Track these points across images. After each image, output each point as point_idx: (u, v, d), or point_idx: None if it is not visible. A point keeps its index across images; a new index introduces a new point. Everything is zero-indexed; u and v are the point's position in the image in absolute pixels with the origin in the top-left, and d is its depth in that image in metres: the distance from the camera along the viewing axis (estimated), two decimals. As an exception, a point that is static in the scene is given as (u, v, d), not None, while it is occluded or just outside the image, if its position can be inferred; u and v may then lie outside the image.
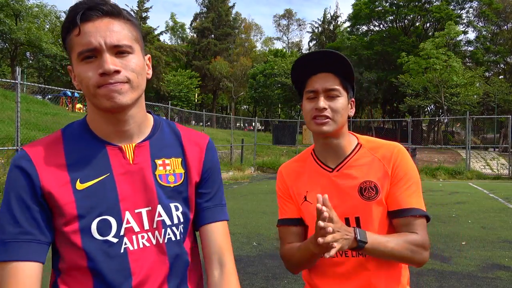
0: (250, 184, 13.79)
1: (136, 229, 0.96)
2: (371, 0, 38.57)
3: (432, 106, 34.36)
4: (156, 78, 38.33)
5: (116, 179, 0.96)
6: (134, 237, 0.95)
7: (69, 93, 22.77)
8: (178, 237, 1.02)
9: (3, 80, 9.94)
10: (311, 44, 57.32)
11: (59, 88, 11.40)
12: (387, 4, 38.85)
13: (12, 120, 10.25)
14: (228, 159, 18.18)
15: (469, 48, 37.54)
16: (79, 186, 0.93)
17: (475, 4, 37.32)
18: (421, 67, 27.69)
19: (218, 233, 1.08)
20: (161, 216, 0.99)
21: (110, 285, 0.93)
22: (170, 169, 1.02)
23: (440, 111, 33.00)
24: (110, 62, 0.89)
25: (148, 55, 1.04)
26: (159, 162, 1.01)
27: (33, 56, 31.92)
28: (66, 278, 0.95)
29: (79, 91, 15.56)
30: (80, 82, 0.93)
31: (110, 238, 0.93)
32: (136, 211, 0.96)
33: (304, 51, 59.78)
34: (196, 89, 41.19)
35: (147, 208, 0.98)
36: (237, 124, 36.05)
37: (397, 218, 1.28)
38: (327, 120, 1.25)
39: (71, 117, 15.04)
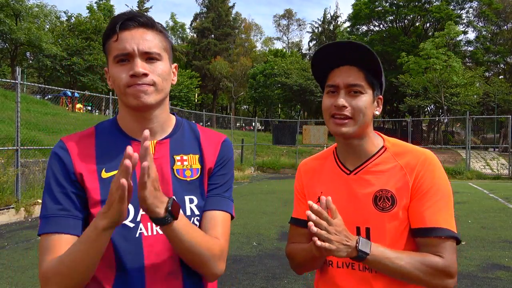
0: (250, 184, 13.79)
1: None
2: (371, 0, 38.58)
3: (432, 106, 34.34)
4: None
5: (137, 171, 1.01)
6: (149, 224, 1.04)
7: (69, 93, 22.76)
8: None
9: (3, 80, 9.95)
10: (311, 44, 57.36)
11: (59, 88, 11.41)
12: (387, 4, 38.85)
13: (12, 120, 10.24)
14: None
15: (469, 48, 37.58)
16: (104, 174, 1.05)
17: (475, 4, 37.36)
18: (421, 67, 27.71)
19: (216, 220, 1.10)
20: None
21: (125, 267, 1.03)
22: (187, 164, 1.12)
23: (440, 111, 32.99)
24: (140, 65, 1.02)
25: (175, 64, 1.17)
26: (177, 158, 1.12)
27: (33, 56, 31.87)
28: None
29: (79, 92, 15.55)
30: (113, 81, 1.06)
31: (127, 223, 1.03)
32: None
33: (304, 51, 59.78)
34: (196, 89, 41.18)
35: None
36: (237, 124, 36.04)
37: (420, 238, 1.13)
38: (346, 120, 1.14)
39: (71, 117, 15.03)
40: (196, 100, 43.24)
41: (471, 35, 70.03)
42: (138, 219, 1.04)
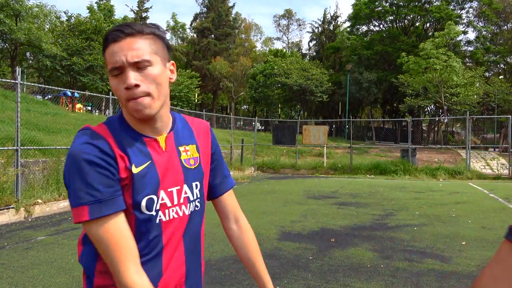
0: (250, 184, 13.78)
1: (168, 204, 1.17)
2: (371, 0, 38.58)
3: (432, 106, 34.37)
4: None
5: (156, 165, 1.15)
6: (166, 210, 1.17)
7: (69, 93, 22.75)
8: (198, 209, 1.27)
9: (3, 80, 9.96)
10: (311, 44, 57.31)
11: (59, 88, 11.39)
12: (387, 4, 38.85)
13: (12, 120, 10.24)
14: (228, 159, 18.17)
15: (469, 48, 37.56)
16: (134, 169, 1.11)
17: (475, 4, 37.35)
18: (421, 67, 27.69)
19: (230, 199, 1.42)
20: (186, 194, 1.22)
21: (149, 245, 1.14)
22: (190, 154, 1.25)
23: (440, 111, 32.98)
24: (132, 77, 1.06)
25: (172, 62, 1.19)
26: (181, 149, 1.23)
27: (33, 56, 31.84)
28: None
29: (79, 91, 15.44)
30: (114, 93, 1.12)
31: (151, 212, 1.15)
32: (169, 190, 1.18)
33: (304, 51, 59.74)
34: (196, 89, 41.16)
35: (176, 187, 1.19)
36: (237, 124, 36.03)
37: None
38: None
39: (71, 117, 15.03)
40: (196, 100, 43.20)
41: (471, 35, 70.11)
42: (158, 207, 1.15)
